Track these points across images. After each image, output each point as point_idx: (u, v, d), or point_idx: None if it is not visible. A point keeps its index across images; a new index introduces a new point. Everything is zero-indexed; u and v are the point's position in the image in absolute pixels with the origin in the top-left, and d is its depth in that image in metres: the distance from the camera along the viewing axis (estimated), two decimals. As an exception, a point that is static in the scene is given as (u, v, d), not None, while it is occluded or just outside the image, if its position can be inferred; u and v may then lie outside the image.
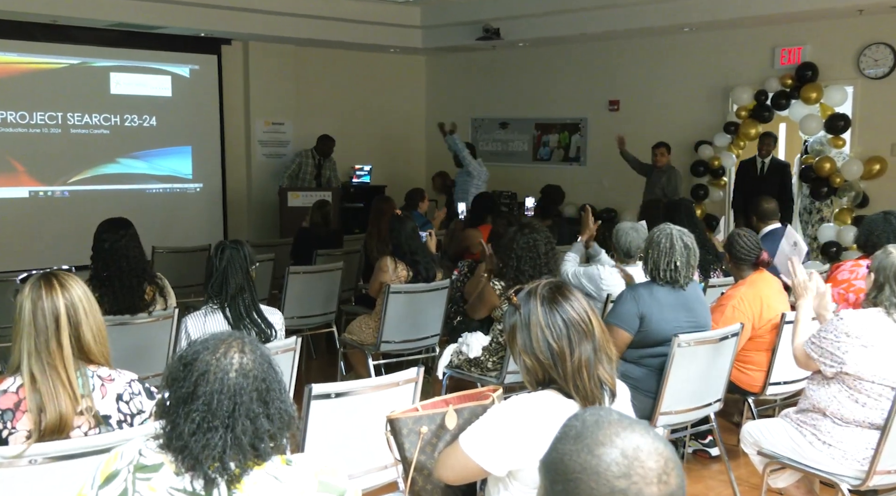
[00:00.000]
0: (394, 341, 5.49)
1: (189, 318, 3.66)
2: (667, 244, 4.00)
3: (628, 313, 4.03)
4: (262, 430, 1.74)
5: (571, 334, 2.26)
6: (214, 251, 3.71)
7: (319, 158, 10.23)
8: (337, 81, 11.57)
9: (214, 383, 1.72)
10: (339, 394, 3.05)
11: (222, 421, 1.71)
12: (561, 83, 10.91)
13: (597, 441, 1.26)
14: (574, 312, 2.28)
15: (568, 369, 2.25)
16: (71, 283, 2.47)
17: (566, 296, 2.30)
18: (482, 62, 11.69)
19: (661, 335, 4.00)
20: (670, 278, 4.00)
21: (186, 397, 1.72)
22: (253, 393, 1.74)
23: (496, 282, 4.59)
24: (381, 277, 5.47)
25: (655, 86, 9.98)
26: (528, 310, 2.31)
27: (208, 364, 1.74)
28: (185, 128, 10.29)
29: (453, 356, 4.81)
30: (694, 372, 4.03)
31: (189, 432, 1.70)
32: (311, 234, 7.21)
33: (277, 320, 3.81)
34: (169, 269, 6.14)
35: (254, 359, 1.78)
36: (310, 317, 6.39)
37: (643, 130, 10.03)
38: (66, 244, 9.13)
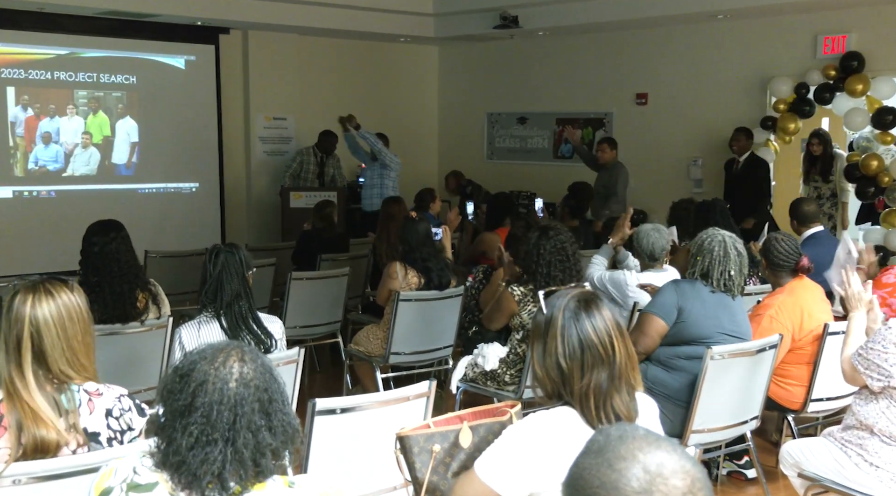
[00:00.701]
0: (404, 353, 5.48)
1: (183, 328, 3.67)
2: (720, 252, 4.05)
3: (667, 303, 4.09)
4: (264, 444, 1.74)
5: (585, 357, 2.25)
6: (208, 256, 3.73)
7: (322, 156, 10.25)
8: (343, 73, 11.60)
9: (213, 394, 1.73)
10: (345, 410, 3.05)
11: (222, 434, 1.71)
12: (584, 75, 10.90)
13: (618, 455, 1.25)
14: (594, 333, 2.26)
15: (575, 391, 2.24)
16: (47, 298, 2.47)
17: (591, 313, 2.28)
18: (499, 52, 11.69)
19: (699, 332, 4.02)
20: (724, 288, 4.05)
21: (183, 410, 1.73)
22: (255, 404, 1.75)
23: (515, 288, 4.58)
24: (390, 284, 5.47)
25: (687, 78, 9.95)
26: (548, 319, 2.31)
27: (206, 374, 1.75)
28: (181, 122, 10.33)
29: (468, 369, 4.81)
30: (729, 387, 4.01)
31: (187, 446, 1.70)
32: (315, 238, 7.22)
33: (277, 329, 3.82)
34: (163, 275, 6.15)
35: (255, 369, 1.78)
36: (313, 326, 6.39)
37: (674, 126, 10.01)
38: (52, 248, 9.18)
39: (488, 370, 4.68)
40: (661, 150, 10.08)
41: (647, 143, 10.17)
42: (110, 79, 9.92)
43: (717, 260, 4.06)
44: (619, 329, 2.30)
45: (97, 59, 9.83)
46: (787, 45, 9.17)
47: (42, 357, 2.44)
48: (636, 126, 10.31)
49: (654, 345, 4.12)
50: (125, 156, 10.13)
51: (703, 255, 4.09)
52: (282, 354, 3.72)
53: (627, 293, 5.02)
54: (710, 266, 4.07)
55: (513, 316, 4.62)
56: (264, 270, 6.59)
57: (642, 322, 4.18)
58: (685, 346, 4.07)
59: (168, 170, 10.35)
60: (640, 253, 5.09)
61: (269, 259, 6.88)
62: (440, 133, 12.64)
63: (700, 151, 9.88)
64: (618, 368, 2.26)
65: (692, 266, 4.15)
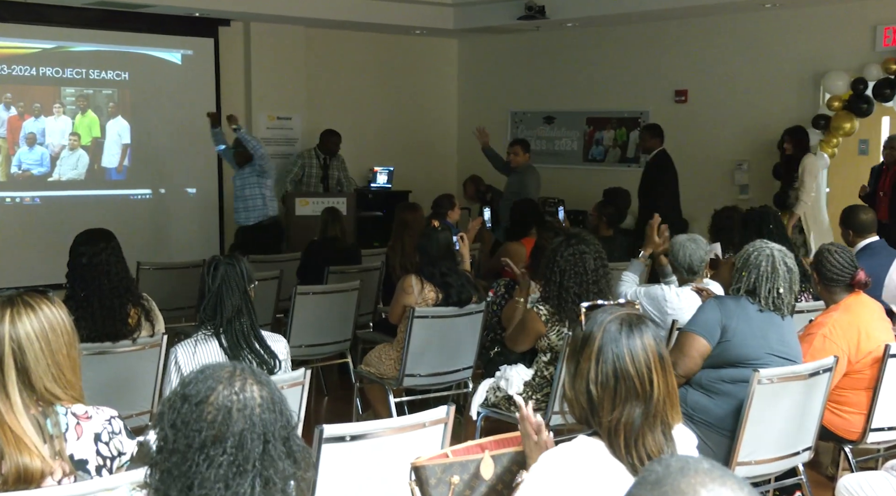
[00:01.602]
0: (419, 374, 5.47)
1: (179, 347, 3.68)
2: (768, 267, 4.03)
3: (709, 320, 4.08)
4: (288, 474, 1.77)
5: (619, 388, 2.23)
6: (206, 268, 3.75)
7: (325, 158, 10.26)
8: (353, 69, 11.64)
9: (242, 421, 1.75)
10: (355, 437, 3.05)
11: (253, 464, 1.73)
12: (617, 70, 10.90)
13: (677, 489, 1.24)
14: (631, 363, 2.24)
15: (603, 424, 2.23)
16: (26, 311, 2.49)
17: (632, 339, 2.26)
18: (524, 46, 11.71)
19: (745, 353, 4.00)
20: (773, 306, 4.04)
21: (208, 441, 1.73)
22: (280, 430, 1.78)
23: (541, 307, 4.57)
24: (405, 299, 5.47)
25: (731, 73, 9.93)
26: (586, 337, 2.30)
27: (229, 400, 1.76)
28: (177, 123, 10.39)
29: (489, 393, 4.80)
30: (778, 414, 3.99)
31: (215, 478, 1.71)
32: (323, 248, 7.24)
33: (282, 349, 3.83)
34: (157, 289, 6.18)
35: (270, 392, 1.82)
36: (320, 345, 6.40)
37: (716, 126, 9.98)
38: (36, 259, 9.24)
39: (512, 394, 4.67)
40: (702, 152, 10.06)
41: (686, 145, 10.14)
42: (100, 75, 10.00)
43: (764, 275, 4.04)
44: (662, 362, 2.28)
45: (86, 54, 9.91)
46: (842, 36, 9.14)
47: (26, 375, 2.45)
48: (675, 126, 10.28)
49: (696, 368, 4.10)
50: (116, 159, 10.20)
51: (749, 270, 4.07)
52: (286, 376, 3.73)
53: (666, 310, 5.00)
54: (756, 282, 4.05)
55: (540, 337, 4.62)
56: (267, 284, 6.60)
57: (682, 341, 4.16)
58: (729, 369, 4.05)
59: (163, 174, 10.42)
60: (677, 267, 5.07)
61: (272, 271, 6.90)
62: (459, 134, 12.65)
63: (746, 154, 9.85)
64: (654, 405, 2.24)
65: (737, 281, 4.13)
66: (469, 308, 5.51)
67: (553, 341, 4.55)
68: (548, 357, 4.62)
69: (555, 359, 4.57)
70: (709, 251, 5.13)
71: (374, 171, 11.43)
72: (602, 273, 4.55)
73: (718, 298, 4.28)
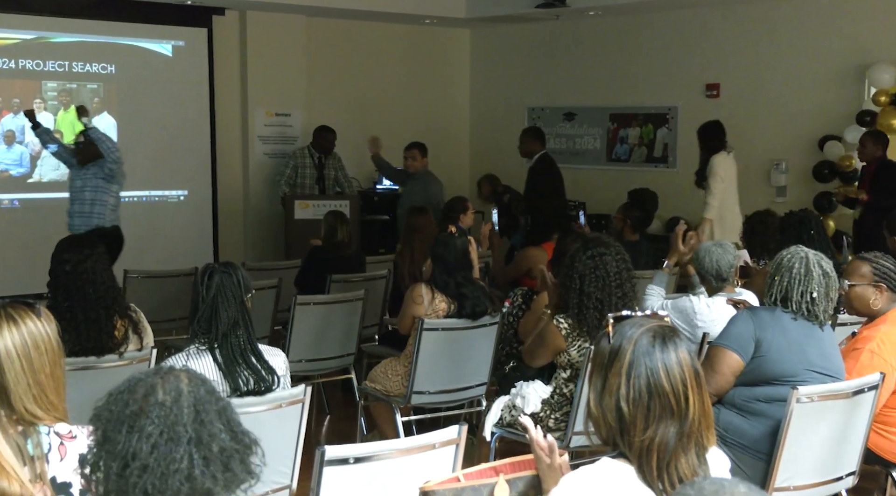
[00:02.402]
0: (429, 392, 5.48)
1: (170, 363, 3.69)
2: (801, 269, 4.03)
3: (742, 334, 4.07)
4: (230, 448, 1.88)
5: (653, 405, 2.23)
6: (200, 277, 3.77)
7: (319, 157, 10.27)
8: (357, 62, 11.67)
9: (169, 393, 1.88)
10: (360, 459, 3.06)
11: (185, 428, 1.84)
12: (643, 62, 10.90)
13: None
14: (666, 379, 2.24)
15: (634, 444, 2.23)
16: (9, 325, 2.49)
17: (666, 353, 2.26)
18: (542, 36, 11.72)
19: (782, 369, 3.99)
20: (806, 312, 4.04)
21: (133, 415, 1.86)
22: (213, 405, 1.90)
23: (561, 321, 4.57)
24: (414, 310, 5.49)
25: (767, 65, 9.91)
26: (615, 350, 2.29)
27: (153, 383, 1.90)
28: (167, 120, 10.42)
29: (504, 412, 4.80)
30: (819, 436, 3.98)
31: (147, 451, 1.82)
32: (326, 255, 7.25)
33: (280, 364, 3.84)
34: (146, 299, 6.19)
35: (203, 381, 1.94)
36: (322, 360, 6.41)
37: (751, 123, 9.96)
38: (15, 267, 9.28)
39: (529, 413, 4.66)
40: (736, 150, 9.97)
41: (719, 144, 10.13)
42: (85, 68, 10.04)
43: (796, 279, 4.03)
44: (697, 378, 2.28)
45: (69, 45, 9.95)
46: (889, 23, 9.12)
47: (4, 394, 2.46)
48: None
49: (728, 386, 4.10)
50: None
51: (782, 275, 4.06)
52: (285, 393, 3.74)
53: (696, 322, 4.99)
54: (789, 286, 4.04)
55: (559, 353, 4.61)
56: (264, 294, 6.62)
57: (713, 357, 4.16)
58: (765, 387, 4.04)
59: (152, 175, 10.44)
60: (704, 275, 5.06)
61: (270, 280, 6.91)
62: (472, 132, 12.66)
63: (783, 153, 9.82)
64: (689, 424, 2.24)
65: (769, 288, 4.12)
66: (483, 320, 5.51)
67: (574, 357, 4.55)
68: (567, 373, 4.62)
69: (575, 375, 4.57)
70: (737, 257, 5.12)
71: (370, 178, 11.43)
72: (626, 277, 4.55)
73: (751, 309, 4.28)
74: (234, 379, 3.64)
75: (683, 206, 10.20)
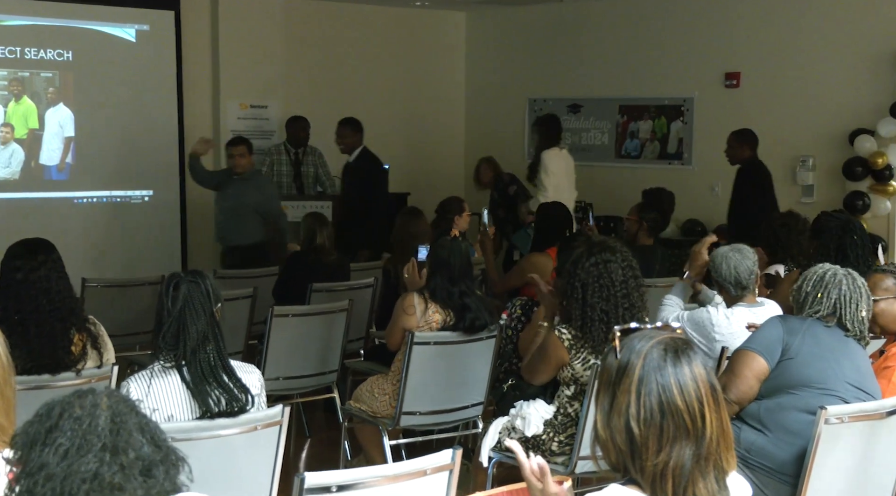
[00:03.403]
0: (419, 412, 5.48)
1: (132, 381, 3.69)
2: (850, 285, 4.12)
3: (768, 337, 4.11)
4: (151, 459, 1.96)
5: (666, 425, 2.23)
6: (165, 287, 3.75)
7: (296, 152, 10.25)
8: (340, 48, 11.66)
9: (85, 409, 1.98)
10: (343, 488, 3.05)
11: (100, 438, 1.92)
12: (656, 49, 10.90)
13: None
14: (680, 396, 2.24)
15: (647, 468, 2.23)
16: None
17: (679, 367, 2.26)
18: (545, 20, 11.73)
19: (810, 375, 4.01)
20: (859, 332, 4.10)
21: (47, 430, 1.94)
22: (133, 418, 1.98)
23: (564, 331, 4.57)
24: (405, 321, 5.48)
25: (793, 52, 9.92)
26: (623, 366, 2.29)
27: (70, 402, 1.99)
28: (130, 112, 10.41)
29: (503, 434, 4.80)
30: (850, 461, 3.98)
31: (56, 461, 1.90)
32: (306, 262, 7.24)
33: (255, 382, 3.83)
34: (106, 311, 6.18)
35: (125, 399, 2.03)
36: (302, 377, 6.40)
37: (775, 115, 9.96)
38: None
39: (530, 436, 4.66)
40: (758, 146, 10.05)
41: (739, 138, 10.15)
42: (38, 54, 10.02)
43: (845, 296, 4.09)
44: (714, 394, 2.29)
45: (21, 29, 9.92)
46: (924, 8, 9.15)
47: None
48: (725, 115, 10.28)
49: (751, 393, 4.10)
50: (57, 155, 10.22)
51: (829, 291, 4.10)
52: (260, 414, 3.73)
53: (714, 336, 4.98)
54: (839, 303, 4.08)
55: (562, 367, 4.62)
56: (238, 304, 6.62)
57: (735, 361, 4.18)
58: (790, 396, 4.04)
59: (113, 173, 10.42)
60: (722, 283, 5.04)
61: (244, 289, 6.91)
62: (468, 125, 12.66)
63: (811, 149, 9.82)
64: (706, 446, 2.24)
65: (811, 305, 4.13)
66: (479, 333, 5.51)
67: (578, 371, 4.55)
68: (572, 390, 4.61)
69: (580, 392, 4.57)
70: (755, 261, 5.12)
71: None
72: (633, 285, 4.55)
73: (782, 316, 4.30)
74: (203, 399, 3.62)
75: (700, 208, 10.23)
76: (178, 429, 3.46)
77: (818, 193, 9.73)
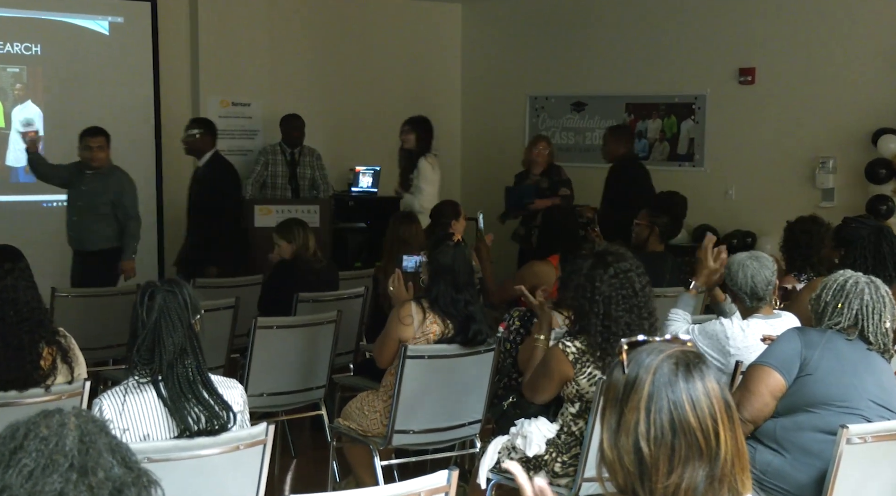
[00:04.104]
0: (413, 431, 5.48)
1: (105, 398, 3.69)
2: (873, 294, 4.08)
3: (785, 351, 4.12)
4: (116, 474, 1.98)
5: (677, 444, 2.23)
6: (140, 297, 3.75)
7: (292, 152, 10.26)
8: (329, 42, 11.66)
9: (52, 428, 1.99)
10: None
11: (67, 457, 1.94)
12: (666, 43, 10.92)
13: None
14: (692, 413, 2.24)
15: (657, 491, 2.23)
16: None
17: (691, 383, 2.25)
18: (547, 13, 11.76)
19: (829, 392, 4.01)
20: (882, 345, 4.10)
21: (12, 451, 1.97)
22: (103, 438, 1.99)
23: (568, 344, 4.57)
24: (401, 333, 5.46)
25: (812, 47, 9.93)
26: (631, 382, 2.29)
27: (35, 422, 2.01)
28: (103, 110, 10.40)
29: (502, 454, 4.80)
30: (874, 484, 3.98)
31: (19, 482, 1.92)
32: (294, 270, 7.22)
33: (238, 398, 3.83)
34: (77, 323, 6.18)
35: (94, 419, 2.05)
36: (288, 393, 6.40)
37: (793, 113, 9.98)
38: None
39: (531, 456, 4.67)
40: (774, 146, 10.06)
41: (754, 138, 10.16)
42: (4, 48, 10.02)
43: (868, 306, 4.07)
44: (729, 411, 2.27)
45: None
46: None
47: None
48: (739, 114, 10.30)
49: (766, 410, 4.10)
50: (24, 155, 10.21)
51: (850, 301, 4.09)
52: (243, 433, 3.73)
53: (728, 349, 4.98)
54: (861, 314, 4.07)
55: (566, 382, 4.62)
56: (219, 315, 6.61)
57: (749, 377, 4.18)
58: (809, 414, 4.04)
59: (85, 175, 10.42)
60: (737, 293, 5.05)
61: (225, 300, 6.90)
62: (464, 125, 12.67)
63: (831, 149, 9.82)
64: (721, 467, 2.24)
65: (830, 316, 4.13)
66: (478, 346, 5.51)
67: (583, 387, 4.54)
68: (576, 408, 4.62)
69: (585, 410, 4.57)
70: (775, 271, 5.12)
71: (356, 171, 11.41)
72: (649, 292, 4.60)
73: (800, 328, 4.31)
74: (181, 416, 3.62)
75: (713, 213, 10.23)
76: (154, 449, 3.47)
77: (839, 197, 9.72)
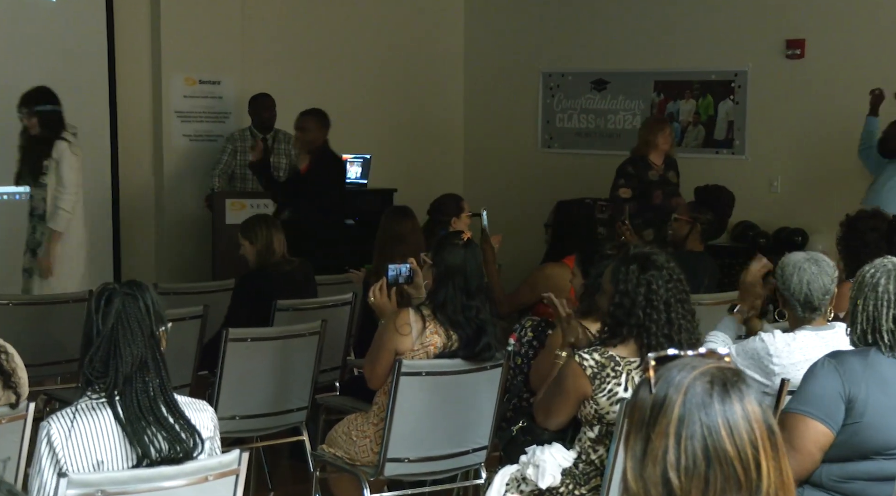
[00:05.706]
0: (408, 459, 5.48)
1: (53, 421, 3.67)
2: (889, 285, 4.01)
3: (826, 393, 4.01)
4: None
5: (712, 475, 2.23)
6: (95, 302, 3.75)
7: (264, 138, 10.23)
8: (311, 13, 11.67)
9: None
10: (313, 551, 3.07)
11: None
12: (700, 12, 10.93)
13: None
14: (730, 440, 2.23)
15: None
16: None
17: (728, 405, 2.24)
18: (563, -25, 11.78)
19: (884, 439, 3.98)
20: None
21: None
22: None
23: (587, 357, 4.57)
24: (397, 344, 5.44)
25: (868, 16, 9.95)
26: (660, 402, 2.29)
27: None
28: (51, 90, 10.43)
29: (511, 485, 4.81)
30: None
31: None
32: (270, 274, 7.22)
33: (207, 421, 3.84)
34: (21, 335, 6.18)
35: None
36: (264, 416, 6.42)
37: (846, 90, 9.97)
38: None
39: (544, 488, 4.67)
40: (825, 127, 10.06)
41: (803, 119, 10.16)
42: (-61, 19, 10.05)
43: (883, 300, 4.02)
44: (773, 438, 2.26)
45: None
46: None
47: None
48: (786, 91, 10.32)
49: (813, 466, 4.04)
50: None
51: (865, 296, 4.05)
52: (213, 461, 3.74)
53: (773, 368, 4.95)
54: (875, 312, 4.03)
55: (584, 401, 4.62)
56: (185, 326, 6.60)
57: (790, 429, 4.06)
58: (864, 462, 4.03)
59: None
60: (788, 299, 5.01)
61: (192, 308, 6.90)
62: (467, 107, 12.67)
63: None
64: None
65: (853, 319, 4.10)
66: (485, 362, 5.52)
67: (603, 406, 4.54)
68: (596, 432, 4.62)
69: (606, 435, 4.58)
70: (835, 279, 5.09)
71: (344, 159, 11.42)
72: (687, 301, 4.62)
73: (835, 355, 4.16)
74: (140, 440, 3.61)
75: (756, 208, 10.21)
76: (110, 481, 3.47)
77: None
